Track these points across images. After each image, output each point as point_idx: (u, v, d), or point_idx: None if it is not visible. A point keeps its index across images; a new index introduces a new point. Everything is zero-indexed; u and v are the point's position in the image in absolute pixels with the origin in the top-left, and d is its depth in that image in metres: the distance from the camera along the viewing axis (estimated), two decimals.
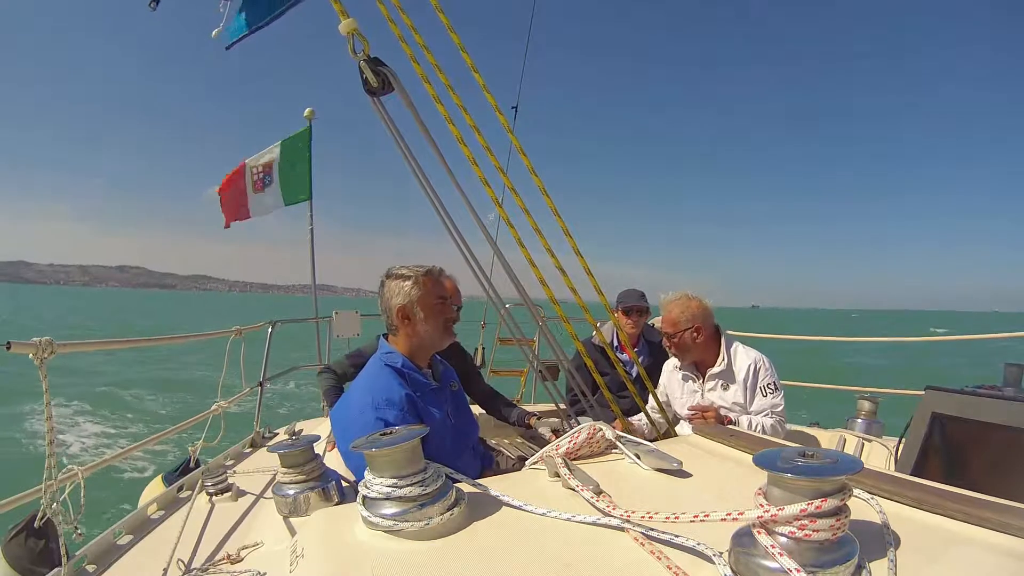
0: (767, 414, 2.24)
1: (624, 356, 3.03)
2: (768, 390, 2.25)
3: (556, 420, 2.78)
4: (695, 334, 2.32)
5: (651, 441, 1.37)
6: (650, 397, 2.47)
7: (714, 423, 2.10)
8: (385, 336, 1.78)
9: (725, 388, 2.34)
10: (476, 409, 3.45)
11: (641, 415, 2.29)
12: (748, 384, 2.27)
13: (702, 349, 2.35)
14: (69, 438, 8.14)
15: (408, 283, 1.65)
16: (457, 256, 1.79)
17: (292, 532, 1.15)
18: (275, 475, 1.29)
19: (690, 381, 2.48)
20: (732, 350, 2.36)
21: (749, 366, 2.28)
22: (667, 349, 2.46)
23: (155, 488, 2.26)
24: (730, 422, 2.19)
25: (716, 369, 2.34)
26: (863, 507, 0.89)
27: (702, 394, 2.40)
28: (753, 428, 2.17)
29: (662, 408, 2.26)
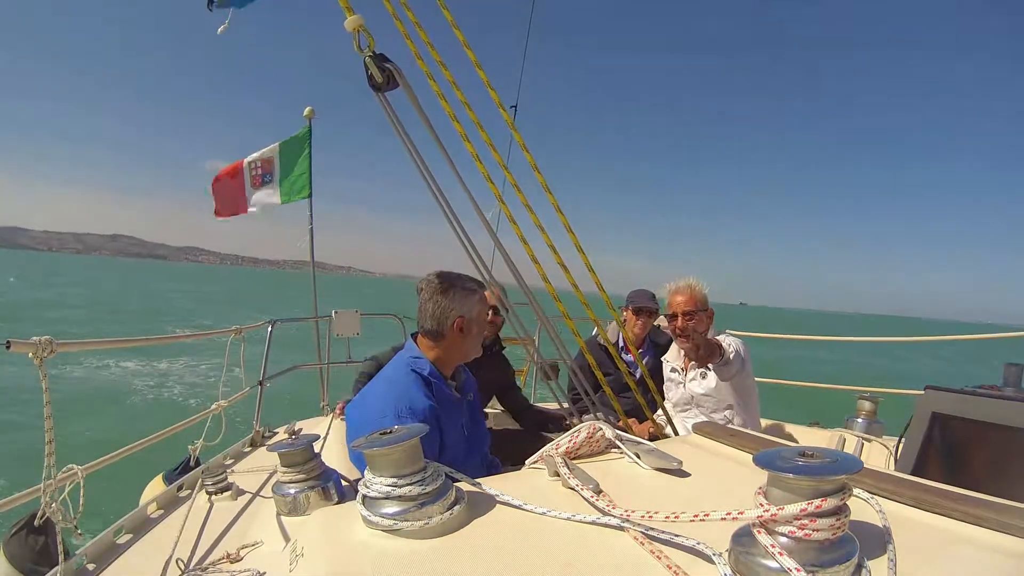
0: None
1: (628, 357, 3.02)
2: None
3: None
4: (709, 319, 2.39)
5: (651, 440, 1.37)
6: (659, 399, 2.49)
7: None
8: (414, 337, 1.71)
9: (704, 377, 2.41)
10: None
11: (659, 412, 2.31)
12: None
13: (704, 335, 2.41)
14: (69, 436, 8.14)
15: (475, 298, 1.63)
16: (460, 253, 1.80)
17: (292, 531, 1.15)
18: (275, 474, 1.29)
19: (676, 374, 2.52)
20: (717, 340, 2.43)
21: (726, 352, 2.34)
22: (674, 332, 2.44)
23: (155, 487, 2.26)
24: (719, 345, 2.26)
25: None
26: (863, 507, 0.89)
27: (684, 384, 2.46)
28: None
29: (665, 410, 2.27)
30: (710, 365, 2.34)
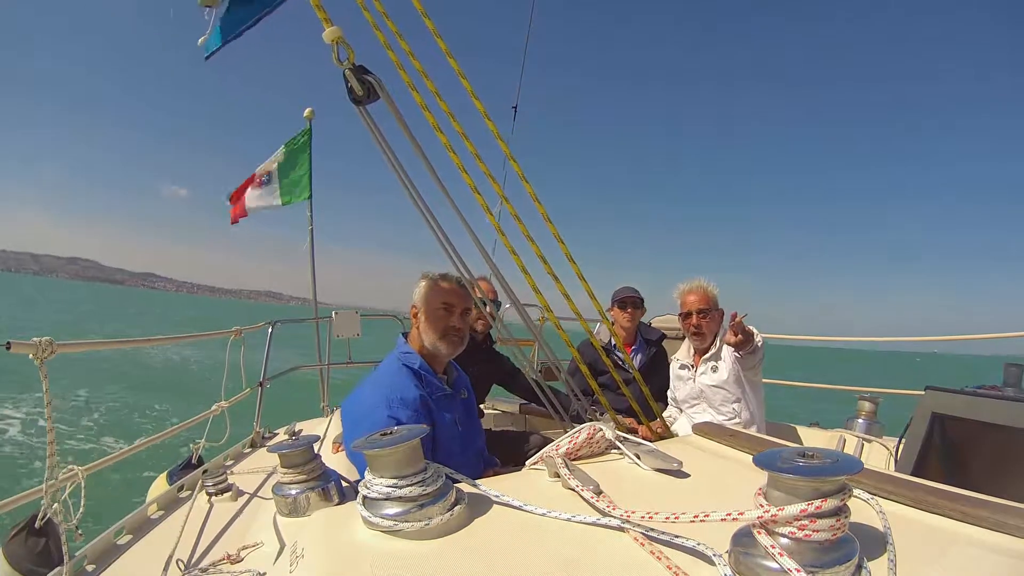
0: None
1: (621, 355, 3.02)
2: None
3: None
4: (720, 318, 2.49)
5: (650, 441, 1.38)
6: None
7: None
8: (405, 335, 1.80)
9: (715, 371, 2.46)
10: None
11: (670, 413, 2.32)
12: (734, 357, 2.39)
13: (715, 332, 2.49)
14: (69, 437, 8.13)
15: (422, 284, 1.74)
16: (448, 263, 1.79)
17: (292, 532, 1.15)
18: (275, 475, 1.29)
19: (685, 370, 2.56)
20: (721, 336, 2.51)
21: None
22: (688, 330, 2.52)
23: (160, 485, 2.27)
24: (750, 331, 2.32)
25: (709, 354, 2.49)
26: (863, 507, 0.89)
27: (694, 379, 2.53)
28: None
29: (660, 415, 2.28)
30: (740, 352, 2.39)
